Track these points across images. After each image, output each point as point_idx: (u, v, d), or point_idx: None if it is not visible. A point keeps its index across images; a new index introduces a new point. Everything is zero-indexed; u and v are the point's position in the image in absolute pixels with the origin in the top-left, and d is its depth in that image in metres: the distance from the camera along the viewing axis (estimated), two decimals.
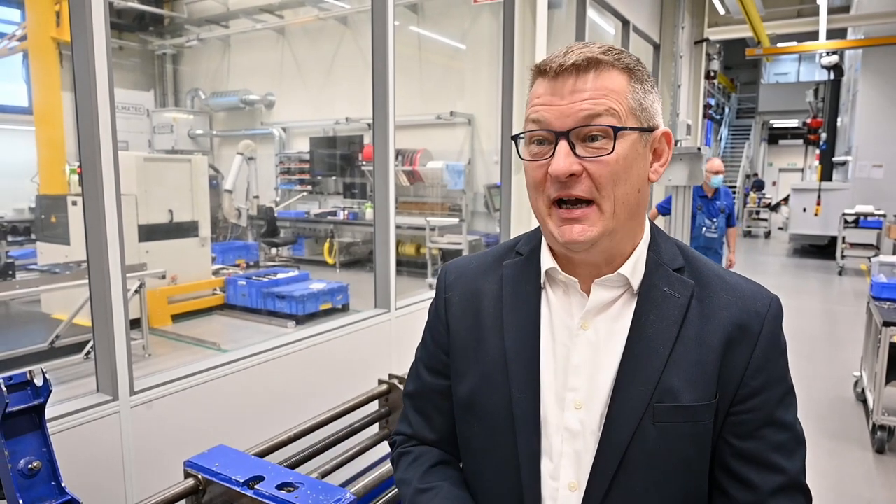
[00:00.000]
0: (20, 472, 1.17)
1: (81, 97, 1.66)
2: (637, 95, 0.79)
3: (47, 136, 6.03)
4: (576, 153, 0.77)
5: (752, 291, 0.86)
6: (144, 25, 11.12)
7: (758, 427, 0.82)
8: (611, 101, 0.77)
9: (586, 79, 0.77)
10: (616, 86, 0.78)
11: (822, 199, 10.82)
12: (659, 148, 0.84)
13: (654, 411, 0.80)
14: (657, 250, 0.87)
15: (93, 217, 1.70)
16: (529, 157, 0.82)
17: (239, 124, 11.08)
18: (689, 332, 0.82)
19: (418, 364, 1.02)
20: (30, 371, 1.22)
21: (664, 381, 0.80)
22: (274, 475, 1.26)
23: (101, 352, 1.75)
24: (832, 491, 3.10)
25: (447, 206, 8.51)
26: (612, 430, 0.81)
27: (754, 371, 0.82)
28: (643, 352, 0.82)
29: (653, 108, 0.82)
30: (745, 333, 0.82)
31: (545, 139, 0.80)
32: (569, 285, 0.86)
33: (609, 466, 0.80)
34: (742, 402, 0.82)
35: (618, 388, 0.81)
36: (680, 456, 0.81)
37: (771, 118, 22.37)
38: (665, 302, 0.83)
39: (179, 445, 1.66)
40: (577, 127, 0.77)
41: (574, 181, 0.78)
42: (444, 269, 1.02)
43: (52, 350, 4.55)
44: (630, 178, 0.79)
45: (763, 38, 10.64)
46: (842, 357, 5.28)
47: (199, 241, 6.53)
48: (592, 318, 0.85)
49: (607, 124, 0.76)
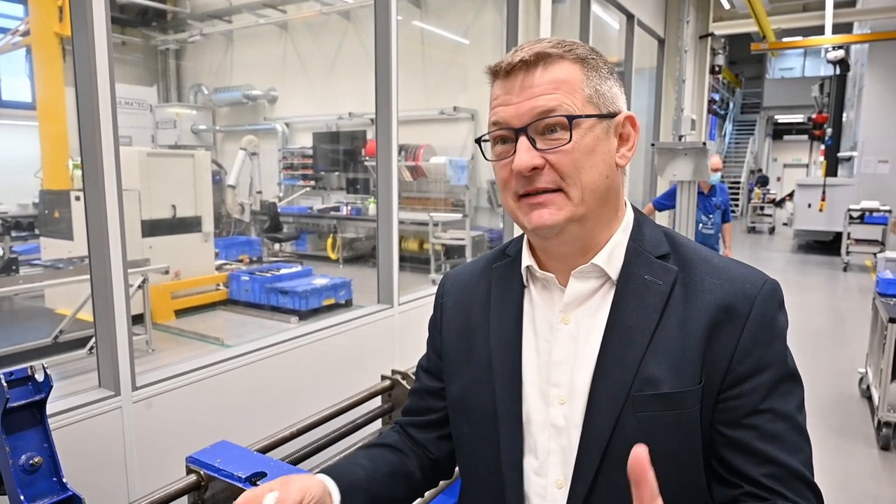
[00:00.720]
0: (21, 467, 1.16)
1: (82, 92, 1.65)
2: (592, 83, 0.79)
3: (50, 131, 6.04)
4: (537, 147, 0.78)
5: (741, 274, 0.82)
6: (147, 20, 11.11)
7: (747, 414, 0.78)
8: (562, 93, 0.77)
9: (535, 73, 0.78)
10: (567, 76, 0.78)
11: (827, 195, 10.76)
12: (625, 132, 0.83)
13: (634, 401, 0.77)
14: (639, 238, 0.85)
15: (94, 212, 1.70)
16: (494, 158, 0.83)
17: (242, 119, 11.08)
18: (670, 319, 0.79)
19: (419, 368, 1.06)
20: (31, 366, 1.21)
21: (643, 370, 0.78)
22: (276, 471, 1.25)
23: (103, 347, 1.74)
24: (837, 488, 3.09)
25: (450, 202, 8.50)
26: (593, 423, 0.79)
27: (742, 355, 0.77)
28: (621, 342, 0.80)
29: (611, 94, 0.81)
30: (732, 316, 0.78)
31: (507, 138, 0.80)
32: (548, 280, 0.86)
33: (592, 461, 0.79)
34: (730, 387, 0.78)
35: (596, 380, 0.80)
36: (664, 447, 0.76)
37: (776, 113, 22.27)
38: (646, 290, 0.81)
39: (181, 441, 1.65)
40: (533, 122, 0.77)
41: (537, 175, 0.78)
42: (444, 276, 1.05)
43: (56, 345, 4.57)
44: (595, 164, 0.79)
45: (768, 33, 10.58)
46: (846, 353, 5.26)
47: (202, 237, 6.53)
48: (572, 311, 0.84)
49: (562, 114, 0.77)
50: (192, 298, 6.16)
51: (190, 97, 11.51)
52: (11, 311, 5.96)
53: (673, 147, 4.40)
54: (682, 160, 4.25)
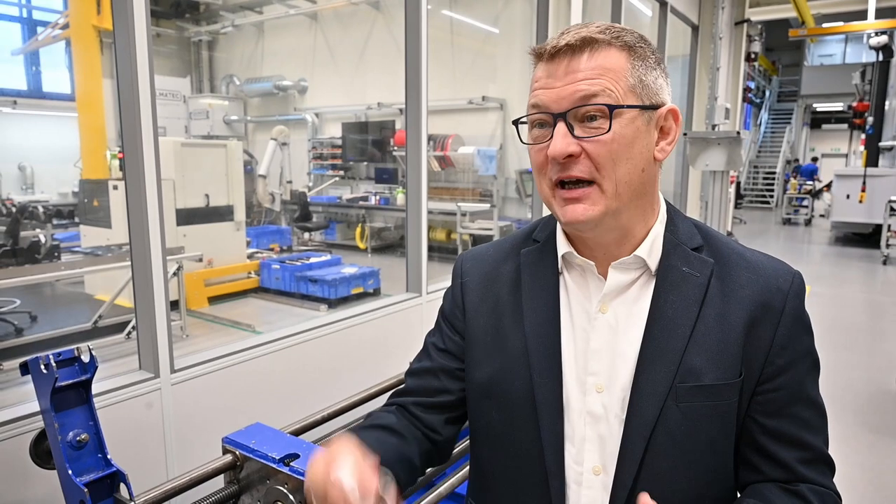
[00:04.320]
0: (69, 443, 1.22)
1: (123, 84, 1.70)
2: (637, 72, 0.77)
3: (89, 122, 6.20)
4: (574, 134, 0.76)
5: (773, 268, 0.85)
6: (181, 12, 11.29)
7: (786, 404, 0.82)
8: (606, 80, 0.75)
9: (581, 59, 0.76)
10: (613, 64, 0.76)
11: (867, 186, 10.43)
12: (666, 126, 0.82)
13: (677, 392, 0.79)
14: (674, 230, 0.86)
15: (135, 201, 1.75)
16: (531, 141, 0.81)
17: (272, 110, 11.21)
18: (709, 312, 0.81)
19: (429, 346, 1.01)
20: (77, 348, 1.27)
21: (686, 361, 0.80)
22: (309, 453, 1.28)
23: (144, 331, 1.81)
24: (871, 484, 3.03)
25: (478, 192, 8.49)
26: (637, 413, 0.80)
27: (779, 349, 0.81)
28: (663, 333, 0.81)
29: (656, 85, 0.79)
30: (768, 311, 0.81)
31: (545, 122, 0.79)
32: (585, 269, 0.86)
33: (636, 450, 0.80)
34: (769, 380, 0.82)
35: (640, 370, 0.81)
36: (704, 436, 0.80)
37: (814, 102, 21.61)
38: (684, 282, 0.82)
39: (216, 422, 1.70)
40: (573, 108, 0.76)
41: (573, 162, 0.77)
42: (460, 258, 1.02)
43: (96, 329, 4.72)
44: (632, 156, 0.78)
45: (807, 18, 10.25)
46: (884, 349, 5.13)
47: (234, 226, 6.65)
48: (610, 301, 0.84)
49: (603, 103, 0.75)
50: (224, 286, 6.29)
51: (222, 88, 11.69)
52: (53, 297, 6.17)
53: (706, 136, 4.32)
54: (715, 150, 4.18)
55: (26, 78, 11.20)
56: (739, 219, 14.16)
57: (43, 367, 1.22)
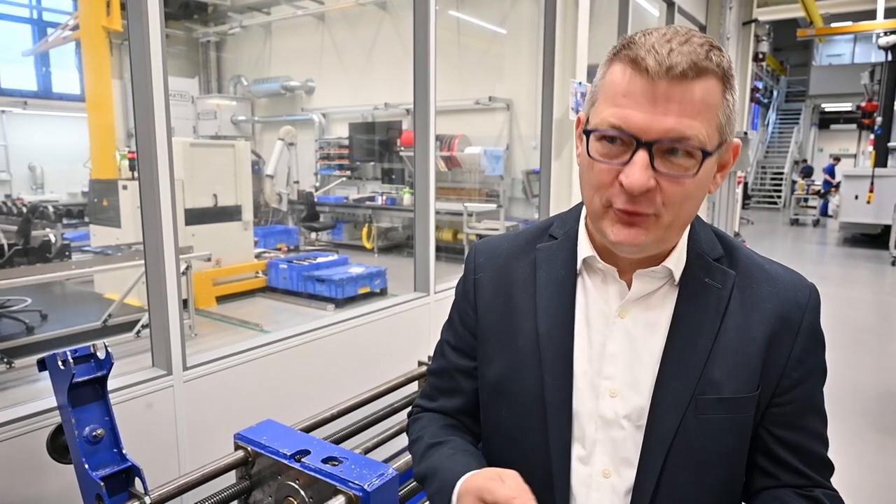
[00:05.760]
0: (85, 438, 1.25)
1: (138, 85, 1.72)
2: (726, 109, 0.72)
3: (99, 122, 6.24)
4: (653, 165, 0.70)
5: (791, 281, 0.85)
6: (189, 13, 11.35)
7: (799, 415, 0.84)
8: (701, 122, 0.70)
9: (683, 86, 0.69)
10: (711, 99, 0.70)
11: (876, 186, 10.37)
12: (725, 158, 0.78)
13: (697, 404, 0.80)
14: (696, 239, 0.85)
15: (148, 201, 1.77)
16: (599, 157, 0.74)
17: (280, 110, 11.25)
18: (730, 324, 0.81)
19: (444, 344, 1.01)
20: (93, 345, 1.29)
21: (707, 373, 0.80)
22: (319, 449, 1.30)
23: (157, 328, 1.83)
24: (880, 485, 3.02)
25: (485, 192, 8.49)
26: (657, 423, 0.80)
27: (796, 363, 0.82)
28: (686, 344, 0.81)
29: (734, 119, 0.75)
30: (788, 325, 0.82)
31: (622, 140, 0.72)
32: (607, 273, 0.85)
33: (656, 460, 0.80)
34: (784, 392, 0.83)
35: (661, 380, 0.81)
36: (721, 447, 0.81)
37: (822, 102, 21.49)
38: (706, 293, 0.82)
39: (227, 419, 1.73)
40: (663, 140, 0.70)
41: (645, 197, 0.71)
42: (474, 249, 0.99)
43: (105, 328, 4.76)
44: (699, 197, 0.76)
45: (816, 18, 10.21)
46: (892, 350, 5.11)
47: (242, 225, 6.69)
48: (631, 307, 0.84)
49: (697, 146, 0.70)
50: (232, 285, 6.32)
51: (230, 88, 11.74)
52: (63, 296, 6.22)
53: None
54: None
55: (36, 79, 11.29)
56: (747, 219, 14.10)
57: (60, 363, 1.24)
